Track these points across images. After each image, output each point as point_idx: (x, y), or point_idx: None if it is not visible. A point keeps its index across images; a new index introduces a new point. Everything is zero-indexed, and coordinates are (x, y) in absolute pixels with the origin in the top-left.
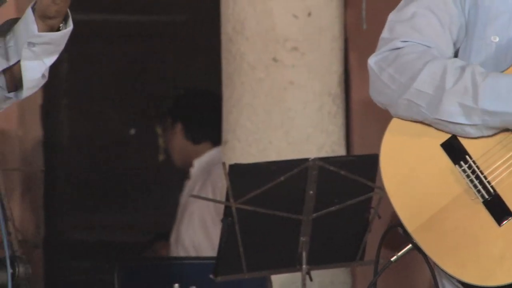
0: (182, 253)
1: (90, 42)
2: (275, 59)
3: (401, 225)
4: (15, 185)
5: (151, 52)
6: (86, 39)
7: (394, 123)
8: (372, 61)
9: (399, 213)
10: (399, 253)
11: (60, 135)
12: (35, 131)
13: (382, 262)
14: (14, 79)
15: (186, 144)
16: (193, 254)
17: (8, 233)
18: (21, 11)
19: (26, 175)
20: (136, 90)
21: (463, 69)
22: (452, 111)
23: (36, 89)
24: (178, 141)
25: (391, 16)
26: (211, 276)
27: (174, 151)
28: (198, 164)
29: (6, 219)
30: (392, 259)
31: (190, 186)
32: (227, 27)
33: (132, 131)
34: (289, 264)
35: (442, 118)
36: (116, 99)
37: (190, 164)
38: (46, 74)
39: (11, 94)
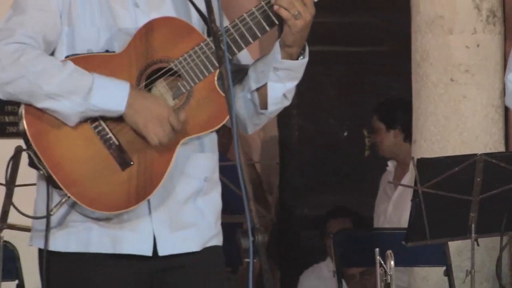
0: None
1: (314, 66)
2: (452, 79)
3: None
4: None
5: (359, 74)
6: (311, 64)
7: None
8: (508, 78)
9: None
10: None
11: (291, 136)
12: (273, 133)
13: None
14: (264, 98)
15: (400, 143)
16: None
17: (250, 210)
18: (263, 50)
19: (265, 167)
20: (348, 102)
21: None
22: None
23: (279, 106)
24: (393, 140)
25: None
26: (403, 242)
27: (387, 148)
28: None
29: (248, 199)
30: None
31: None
32: (416, 56)
33: (345, 133)
34: (462, 233)
35: None
36: (333, 109)
37: (397, 156)
38: (289, 97)
39: (263, 111)
